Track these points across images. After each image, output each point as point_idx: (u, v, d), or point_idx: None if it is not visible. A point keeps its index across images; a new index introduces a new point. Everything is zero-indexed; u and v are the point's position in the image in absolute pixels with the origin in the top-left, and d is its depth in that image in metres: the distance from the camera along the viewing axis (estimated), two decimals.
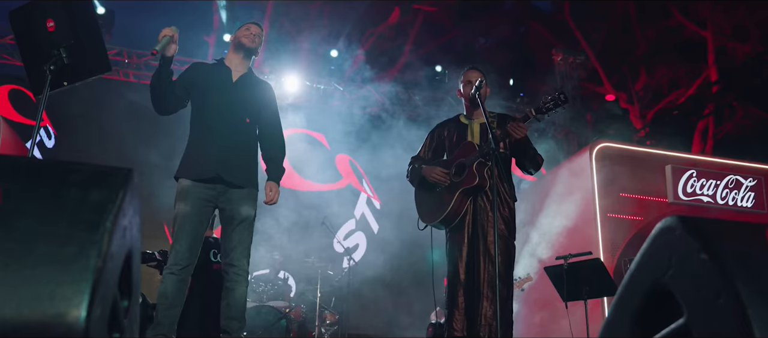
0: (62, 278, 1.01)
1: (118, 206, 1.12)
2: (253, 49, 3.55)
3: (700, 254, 1.37)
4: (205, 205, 3.29)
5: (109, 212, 1.10)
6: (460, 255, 3.58)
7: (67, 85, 2.55)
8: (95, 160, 7.13)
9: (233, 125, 3.42)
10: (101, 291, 1.05)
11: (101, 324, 1.07)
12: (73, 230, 1.06)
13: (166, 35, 3.23)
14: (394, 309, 8.48)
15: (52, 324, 0.99)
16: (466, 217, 3.61)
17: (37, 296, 1.00)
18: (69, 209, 1.09)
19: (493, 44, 13.38)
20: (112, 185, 1.15)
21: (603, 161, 6.52)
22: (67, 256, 1.03)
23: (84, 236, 1.05)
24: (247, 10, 9.47)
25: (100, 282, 1.05)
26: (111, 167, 1.22)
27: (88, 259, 1.03)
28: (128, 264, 1.29)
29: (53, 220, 1.08)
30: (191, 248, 3.22)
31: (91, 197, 1.12)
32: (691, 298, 1.38)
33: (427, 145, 4.06)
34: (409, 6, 11.41)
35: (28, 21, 2.60)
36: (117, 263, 1.16)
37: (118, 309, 1.22)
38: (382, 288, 8.51)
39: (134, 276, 1.36)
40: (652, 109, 12.13)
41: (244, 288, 3.28)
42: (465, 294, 3.51)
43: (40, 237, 1.06)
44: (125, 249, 1.23)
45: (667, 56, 12.10)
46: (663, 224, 1.48)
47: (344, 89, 9.76)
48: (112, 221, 1.10)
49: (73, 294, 1.00)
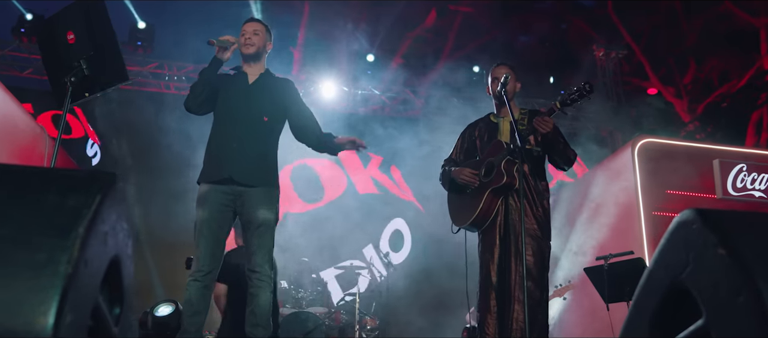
0: (31, 285, 1.00)
1: (93, 211, 1.10)
2: (252, 54, 3.54)
3: (717, 249, 1.27)
4: (222, 210, 3.29)
5: (83, 217, 1.08)
6: (492, 257, 3.49)
7: (89, 96, 2.59)
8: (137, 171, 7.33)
9: (248, 125, 3.41)
10: (74, 297, 1.03)
11: (76, 331, 1.05)
12: (45, 236, 1.04)
13: (229, 40, 3.39)
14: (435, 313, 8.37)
15: (21, 332, 0.98)
16: (498, 218, 3.52)
17: (7, 304, 0.99)
18: (45, 216, 1.08)
19: (534, 42, 13.15)
20: (89, 191, 1.14)
21: (646, 158, 6.28)
22: (37, 263, 1.01)
23: (55, 242, 1.04)
24: (283, 20, 9.57)
25: (72, 288, 1.02)
26: (93, 172, 1.20)
27: (58, 265, 1.01)
28: (115, 270, 1.27)
29: (30, 227, 1.07)
30: (213, 253, 3.22)
31: (67, 203, 1.10)
32: (710, 297, 1.28)
33: (459, 146, 3.99)
34: (446, 7, 11.30)
35: (50, 34, 2.66)
36: (95, 269, 1.14)
37: (102, 316, 1.20)
38: (422, 291, 8.42)
39: (126, 282, 1.34)
40: (702, 102, 11.67)
41: (268, 293, 3.26)
42: (497, 297, 3.42)
43: (15, 245, 1.05)
44: (108, 255, 1.21)
45: (717, 47, 11.62)
46: (680, 218, 1.38)
47: (381, 93, 9.74)
48: (86, 226, 1.08)
49: (41, 301, 0.98)
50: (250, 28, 3.56)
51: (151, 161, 8.20)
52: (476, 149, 3.87)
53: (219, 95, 3.50)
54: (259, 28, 3.58)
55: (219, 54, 3.44)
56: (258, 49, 3.54)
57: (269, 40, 3.67)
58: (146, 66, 9.15)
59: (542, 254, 3.46)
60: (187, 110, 3.52)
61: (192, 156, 7.56)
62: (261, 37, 3.56)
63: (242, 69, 3.61)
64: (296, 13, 9.79)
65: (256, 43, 3.53)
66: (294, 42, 9.72)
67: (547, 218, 3.59)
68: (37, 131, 6.64)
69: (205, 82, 3.44)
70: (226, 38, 3.43)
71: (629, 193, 6.22)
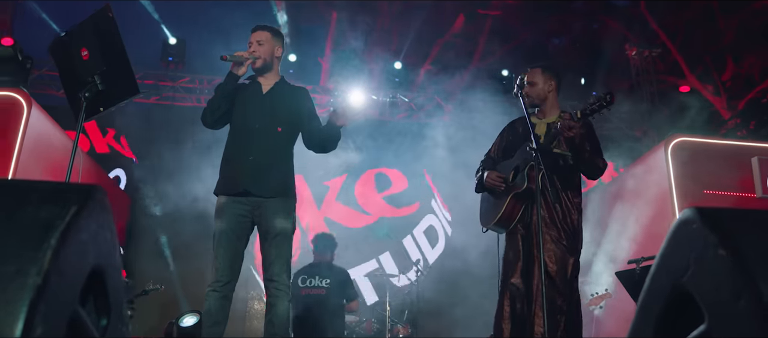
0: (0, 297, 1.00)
1: (67, 223, 1.11)
2: (259, 68, 3.54)
3: (718, 249, 1.20)
4: (240, 220, 3.32)
5: (56, 228, 1.08)
6: (512, 262, 3.45)
7: (103, 110, 2.63)
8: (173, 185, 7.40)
9: (263, 137, 3.42)
10: (46, 309, 1.03)
11: None
12: (15, 248, 1.05)
13: (243, 55, 3.37)
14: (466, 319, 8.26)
15: None
16: (519, 223, 3.48)
17: None
18: (17, 229, 1.09)
19: (565, 43, 12.94)
20: (64, 203, 1.14)
21: (680, 157, 6.08)
22: (6, 275, 1.02)
23: (25, 253, 1.04)
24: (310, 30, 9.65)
25: (43, 300, 1.02)
26: (70, 184, 1.21)
27: (27, 277, 1.01)
28: (98, 280, 1.27)
29: (4, 240, 1.08)
30: (231, 264, 3.25)
31: (40, 215, 1.11)
32: (712, 301, 1.21)
33: (498, 144, 3.94)
34: (474, 11, 11.21)
35: (65, 51, 2.71)
36: (72, 280, 1.14)
37: (82, 327, 1.19)
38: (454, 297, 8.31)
39: (111, 293, 1.34)
40: (742, 99, 11.29)
41: (286, 302, 3.26)
42: (512, 302, 3.37)
43: None
44: (88, 266, 1.21)
45: (755, 44, 11.24)
46: (681, 218, 1.32)
47: (411, 100, 9.71)
48: (59, 238, 1.08)
49: (8, 313, 0.98)
50: (254, 38, 3.53)
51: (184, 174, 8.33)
52: (514, 148, 3.80)
53: (234, 105, 3.52)
54: (263, 36, 3.53)
55: (234, 69, 3.42)
56: (265, 62, 3.53)
57: (279, 45, 3.62)
58: (178, 81, 9.32)
59: (565, 261, 3.37)
60: (204, 125, 3.55)
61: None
62: (267, 47, 3.53)
63: (256, 78, 3.62)
64: (323, 23, 9.85)
65: (263, 54, 3.50)
66: (322, 52, 9.78)
67: (576, 234, 3.47)
68: (70, 147, 6.82)
69: (223, 98, 3.45)
70: (240, 54, 3.41)
71: (663, 194, 6.03)
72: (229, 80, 3.44)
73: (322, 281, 6.06)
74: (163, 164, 8.34)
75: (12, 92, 5.59)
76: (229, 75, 3.43)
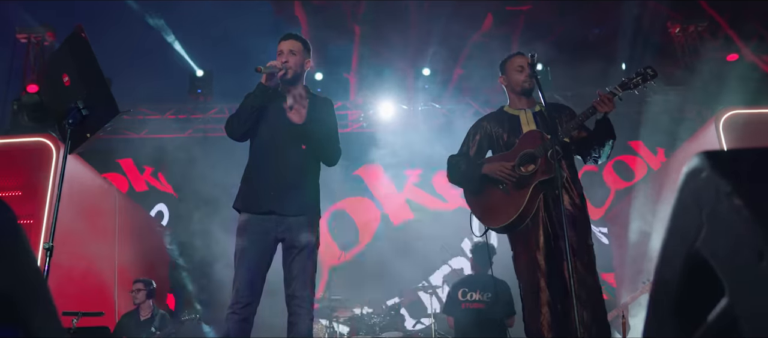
0: None
1: None
2: (291, 78, 3.38)
3: (733, 199, 0.93)
4: (264, 237, 3.19)
5: None
6: (537, 258, 3.18)
7: (90, 136, 2.52)
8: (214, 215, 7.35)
9: (287, 155, 3.28)
10: None
11: None
12: None
13: (277, 66, 3.24)
14: None
15: None
16: (539, 214, 3.21)
17: None
18: None
19: (606, 32, 12.48)
20: None
21: (734, 131, 5.63)
22: None
23: None
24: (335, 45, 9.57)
25: None
26: None
27: None
28: None
29: None
30: (252, 284, 3.10)
31: None
32: (729, 265, 0.95)
33: (471, 138, 3.68)
34: (502, 9, 10.90)
35: (50, 79, 2.63)
36: None
37: None
38: None
39: (21, 306, 1.21)
40: None
41: (308, 321, 3.09)
42: (551, 300, 3.08)
43: None
44: None
45: None
46: (687, 168, 1.05)
47: (441, 106, 9.48)
48: None
49: None
50: (286, 46, 3.38)
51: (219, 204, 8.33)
52: (494, 144, 3.58)
53: (257, 119, 3.38)
54: (296, 46, 3.40)
55: (266, 81, 3.26)
56: (295, 73, 3.38)
57: (308, 57, 3.48)
58: (208, 112, 9.38)
59: (589, 249, 3.16)
60: (230, 136, 3.40)
61: None
62: (298, 58, 3.39)
63: (281, 90, 3.44)
64: (347, 37, 9.74)
65: (293, 65, 3.35)
66: (348, 68, 9.67)
67: (587, 214, 3.32)
68: (105, 187, 6.89)
69: (254, 112, 3.29)
70: (273, 63, 3.27)
71: None
72: (261, 94, 3.28)
73: (483, 295, 5.79)
74: (201, 192, 8.34)
75: (41, 137, 5.67)
76: (261, 88, 3.28)
